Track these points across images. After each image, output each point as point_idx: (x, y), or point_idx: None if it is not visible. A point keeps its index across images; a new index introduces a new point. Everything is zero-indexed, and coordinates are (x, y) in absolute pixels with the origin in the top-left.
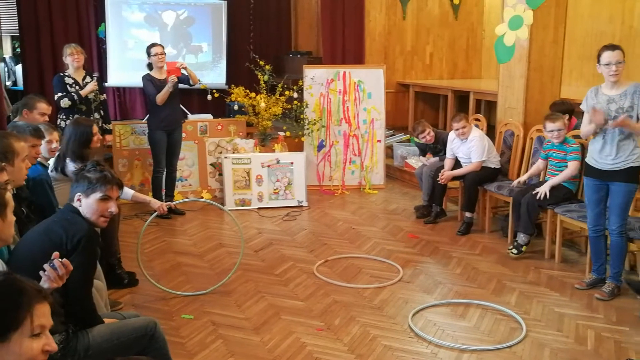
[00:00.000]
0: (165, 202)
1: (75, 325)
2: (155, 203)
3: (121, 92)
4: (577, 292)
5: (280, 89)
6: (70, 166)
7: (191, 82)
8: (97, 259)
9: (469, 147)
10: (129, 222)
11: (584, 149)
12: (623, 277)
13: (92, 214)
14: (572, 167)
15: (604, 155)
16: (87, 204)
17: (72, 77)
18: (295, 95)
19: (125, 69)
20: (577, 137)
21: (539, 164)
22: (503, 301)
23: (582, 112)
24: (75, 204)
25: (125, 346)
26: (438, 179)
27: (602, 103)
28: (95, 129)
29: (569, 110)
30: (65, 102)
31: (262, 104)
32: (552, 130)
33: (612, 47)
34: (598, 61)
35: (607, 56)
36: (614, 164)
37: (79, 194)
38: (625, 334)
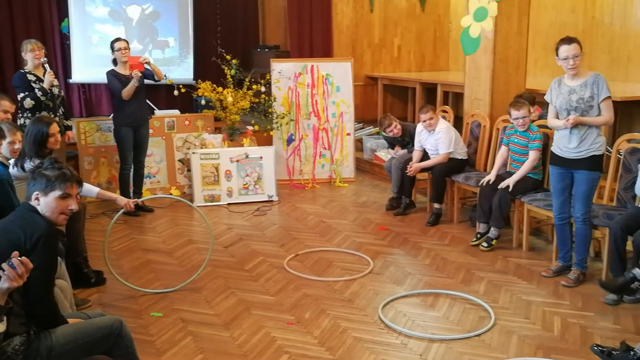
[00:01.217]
0: (133, 199)
1: (37, 326)
2: (122, 200)
3: (86, 89)
4: (544, 280)
5: (248, 83)
6: (28, 164)
7: (156, 78)
8: (58, 258)
9: (437, 139)
10: (96, 221)
11: (548, 138)
12: (599, 283)
13: (51, 212)
14: (533, 156)
15: (568, 144)
16: (46, 203)
17: (33, 74)
18: (263, 89)
19: (89, 65)
20: (542, 126)
21: (502, 151)
22: (472, 290)
23: (547, 103)
24: (33, 202)
25: (91, 346)
26: (406, 171)
27: (564, 94)
28: (54, 128)
29: (533, 100)
30: (28, 102)
31: (230, 99)
32: (517, 118)
33: (569, 40)
34: (557, 54)
35: (563, 50)
36: (578, 153)
37: (36, 192)
38: (590, 319)
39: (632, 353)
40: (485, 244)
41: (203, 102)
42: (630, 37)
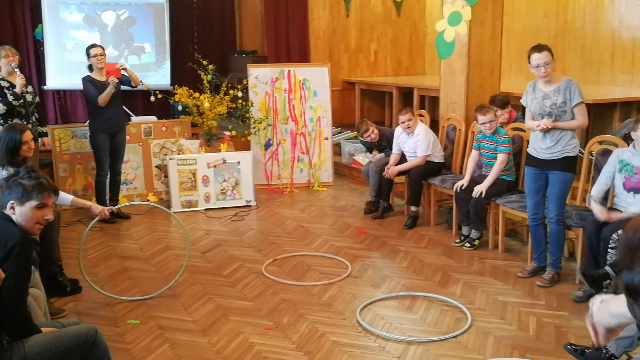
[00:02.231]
0: (109, 206)
1: (10, 336)
2: (96, 208)
3: (61, 95)
4: (519, 281)
5: (225, 88)
6: (1, 173)
7: (133, 84)
8: (32, 266)
9: (415, 141)
10: (72, 228)
11: (522, 140)
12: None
13: (27, 222)
14: (500, 159)
15: (542, 145)
16: (21, 212)
17: (7, 80)
18: (240, 94)
19: (64, 71)
20: (516, 129)
21: (474, 155)
22: (448, 292)
23: (523, 106)
24: (8, 211)
25: (65, 355)
26: (384, 173)
27: (538, 99)
28: (27, 136)
29: (507, 102)
30: (0, 108)
31: (206, 104)
32: (484, 123)
33: (539, 48)
34: (529, 62)
35: (535, 59)
36: (552, 154)
37: (12, 201)
38: (565, 318)
39: (604, 351)
40: (468, 245)
41: (180, 107)
42: (602, 41)
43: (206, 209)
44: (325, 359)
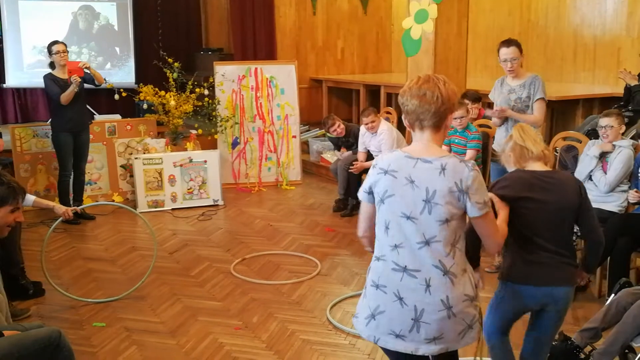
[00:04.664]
0: (73, 207)
1: None
2: (60, 208)
3: (21, 93)
4: (487, 276)
5: (191, 87)
6: None
7: (96, 82)
8: None
9: (379, 140)
10: (34, 230)
11: (488, 137)
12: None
13: None
14: (469, 155)
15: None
16: None
17: None
18: (207, 92)
19: (25, 69)
20: (482, 126)
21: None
22: None
23: (491, 103)
24: None
25: (27, 359)
26: (350, 169)
27: (504, 93)
28: None
29: (479, 98)
30: None
31: (172, 102)
32: (456, 118)
33: (508, 43)
34: (498, 55)
35: (502, 53)
36: None
37: None
38: None
39: (569, 342)
40: None
41: (145, 106)
42: (564, 39)
43: (173, 209)
44: (295, 358)
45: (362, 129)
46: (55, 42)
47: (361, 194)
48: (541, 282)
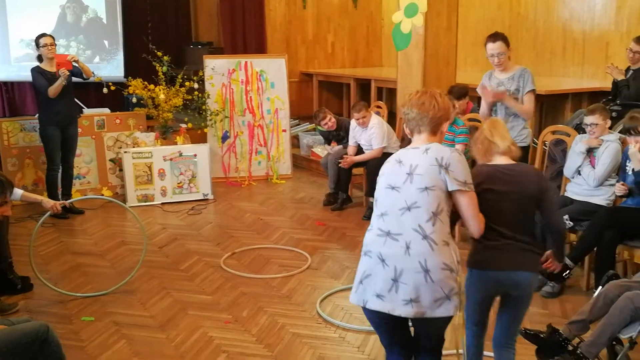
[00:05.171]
0: (61, 201)
1: None
2: (48, 202)
3: (9, 87)
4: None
5: (180, 80)
6: None
7: (84, 76)
8: None
9: (370, 134)
10: (22, 225)
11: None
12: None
13: None
14: (458, 149)
15: None
16: None
17: None
18: (196, 86)
19: (12, 62)
20: (471, 119)
21: None
22: None
23: (479, 97)
24: None
25: (15, 353)
26: (340, 163)
27: (493, 86)
28: None
29: (464, 94)
30: None
31: (162, 96)
32: None
33: (494, 38)
34: (486, 50)
35: (489, 48)
36: None
37: None
38: None
39: (557, 335)
40: None
41: (134, 100)
42: (553, 33)
43: (163, 203)
44: (285, 351)
45: (353, 122)
46: (43, 35)
47: None
48: (501, 266)
